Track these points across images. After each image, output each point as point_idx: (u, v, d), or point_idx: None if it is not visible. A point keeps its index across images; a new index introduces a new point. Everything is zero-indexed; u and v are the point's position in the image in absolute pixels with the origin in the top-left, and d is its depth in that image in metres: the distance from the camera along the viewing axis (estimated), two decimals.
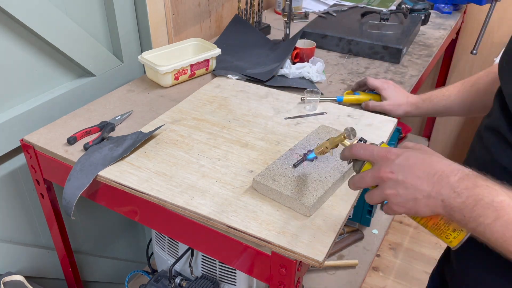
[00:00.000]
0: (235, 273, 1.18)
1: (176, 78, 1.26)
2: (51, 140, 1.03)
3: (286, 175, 0.87)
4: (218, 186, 0.88)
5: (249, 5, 1.60)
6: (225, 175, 0.91)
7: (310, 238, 0.76)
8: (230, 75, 1.32)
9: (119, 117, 1.11)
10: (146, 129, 1.06)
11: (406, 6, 1.78)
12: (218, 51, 1.32)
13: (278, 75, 1.33)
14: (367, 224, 1.84)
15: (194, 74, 1.31)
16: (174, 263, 1.22)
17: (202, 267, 1.24)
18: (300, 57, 1.41)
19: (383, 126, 1.09)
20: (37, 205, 1.22)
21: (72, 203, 0.92)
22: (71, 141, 1.01)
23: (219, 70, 1.34)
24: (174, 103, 1.18)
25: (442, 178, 0.58)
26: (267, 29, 1.70)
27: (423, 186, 0.59)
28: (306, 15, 1.85)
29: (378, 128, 1.09)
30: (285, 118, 1.12)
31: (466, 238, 0.60)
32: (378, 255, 2.02)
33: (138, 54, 1.36)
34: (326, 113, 1.14)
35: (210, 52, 1.30)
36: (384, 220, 1.96)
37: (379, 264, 1.98)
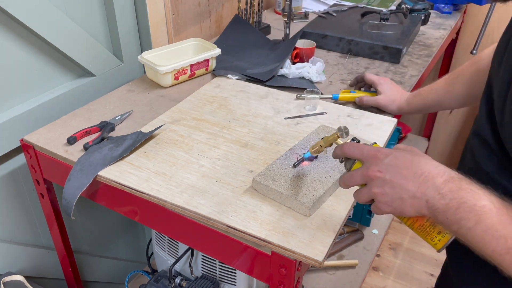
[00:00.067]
0: (235, 273, 1.18)
1: (176, 78, 1.26)
2: (51, 140, 1.03)
3: (286, 175, 0.87)
4: (218, 186, 0.88)
5: (249, 5, 1.60)
6: (225, 175, 0.91)
7: (310, 238, 0.76)
8: (230, 75, 1.32)
9: (119, 117, 1.11)
10: (146, 129, 1.06)
11: (406, 6, 1.78)
12: (218, 51, 1.32)
13: (278, 75, 1.33)
14: (367, 224, 1.84)
15: (194, 74, 1.31)
16: (174, 263, 1.22)
17: (202, 267, 1.24)
18: (300, 57, 1.41)
19: (383, 126, 1.10)
20: (37, 205, 1.22)
21: (72, 203, 0.92)
22: (71, 141, 1.01)
23: (219, 70, 1.34)
24: (174, 103, 1.18)
25: (428, 179, 0.58)
26: (267, 29, 1.70)
27: (409, 186, 0.59)
28: (306, 15, 1.85)
29: (378, 128, 1.09)
30: (285, 118, 1.12)
31: (451, 242, 0.61)
32: (378, 255, 2.02)
33: (138, 54, 1.36)
34: (326, 113, 1.14)
35: (210, 52, 1.30)
36: (384, 220, 1.96)
37: (379, 264, 1.98)
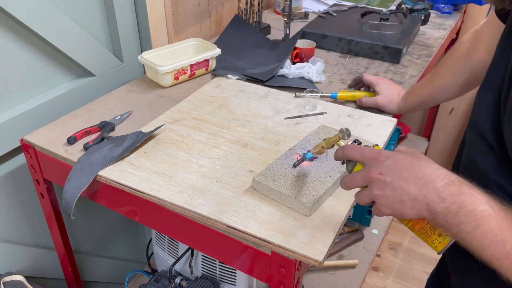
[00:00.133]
0: (235, 273, 1.18)
1: (176, 78, 1.26)
2: (51, 140, 1.03)
3: (286, 175, 0.87)
4: (218, 186, 0.88)
5: (249, 5, 1.60)
6: (225, 175, 0.91)
7: (309, 238, 0.76)
8: (230, 75, 1.32)
9: (119, 117, 1.11)
10: (146, 129, 1.06)
11: (406, 6, 1.78)
12: (218, 51, 1.32)
13: (278, 75, 1.33)
14: (367, 224, 1.83)
15: (194, 74, 1.31)
16: (174, 263, 1.22)
17: (202, 267, 1.24)
18: (300, 57, 1.41)
19: (383, 126, 1.10)
20: (37, 205, 1.22)
21: (72, 203, 0.92)
22: (71, 141, 1.01)
23: (219, 70, 1.34)
24: (174, 103, 1.18)
25: (429, 182, 0.58)
26: (267, 29, 1.70)
27: (410, 189, 0.59)
28: (306, 15, 1.85)
29: (378, 128, 1.09)
30: (285, 118, 1.12)
31: (451, 244, 0.61)
32: (378, 255, 2.02)
33: (138, 54, 1.36)
34: (326, 113, 1.14)
35: (210, 52, 1.30)
36: (384, 220, 1.96)
37: (379, 264, 1.98)
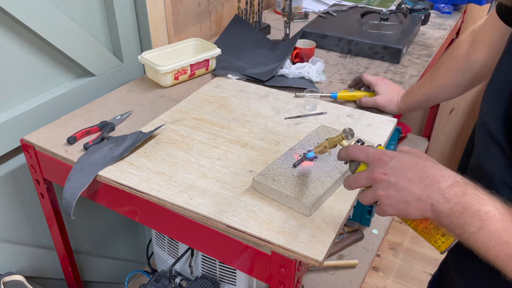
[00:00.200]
0: (235, 273, 1.18)
1: (176, 78, 1.26)
2: (51, 140, 1.03)
3: (286, 175, 0.87)
4: (218, 186, 0.88)
5: (249, 5, 1.60)
6: (224, 175, 0.91)
7: (309, 237, 0.76)
8: (230, 75, 1.32)
9: (119, 117, 1.11)
10: (146, 129, 1.06)
11: (406, 6, 1.78)
12: (218, 51, 1.32)
13: (278, 75, 1.33)
14: (367, 224, 1.83)
15: (194, 74, 1.31)
16: (174, 263, 1.22)
17: (202, 267, 1.24)
18: (300, 57, 1.41)
19: (383, 126, 1.10)
20: (37, 205, 1.22)
21: (72, 203, 0.92)
22: (71, 141, 1.01)
23: (219, 70, 1.34)
24: (174, 103, 1.18)
25: (433, 183, 0.58)
26: (267, 29, 1.70)
27: (414, 189, 0.59)
28: (306, 15, 1.85)
29: (378, 128, 1.09)
30: (285, 118, 1.12)
31: (454, 244, 0.61)
32: (378, 255, 2.02)
33: (138, 54, 1.36)
34: (326, 113, 1.14)
35: (210, 52, 1.30)
36: (384, 220, 1.96)
37: (379, 264, 1.98)
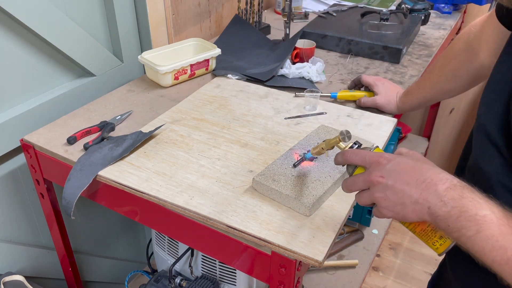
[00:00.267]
0: (235, 273, 1.18)
1: (176, 78, 1.26)
2: (51, 140, 1.03)
3: (285, 175, 0.87)
4: (217, 186, 0.88)
5: (249, 5, 1.60)
6: (224, 175, 0.91)
7: (309, 238, 0.76)
8: (230, 75, 1.32)
9: (119, 117, 1.11)
10: (146, 129, 1.06)
11: (406, 6, 1.78)
12: (218, 51, 1.32)
13: (278, 75, 1.33)
14: (367, 224, 1.83)
15: (194, 74, 1.31)
16: (174, 263, 1.22)
17: (202, 267, 1.24)
18: (300, 57, 1.41)
19: (383, 126, 1.10)
20: (37, 205, 1.22)
21: (72, 203, 0.92)
22: (71, 141, 1.01)
23: (219, 70, 1.34)
24: (174, 103, 1.18)
25: (430, 186, 0.58)
26: (267, 29, 1.70)
27: (411, 192, 0.59)
28: (306, 15, 1.85)
29: (378, 128, 1.09)
30: (285, 118, 1.12)
31: (452, 246, 0.61)
32: (378, 255, 2.02)
33: (138, 54, 1.36)
34: (326, 113, 1.14)
35: (210, 52, 1.30)
36: (384, 220, 1.96)
37: (379, 264, 1.98)
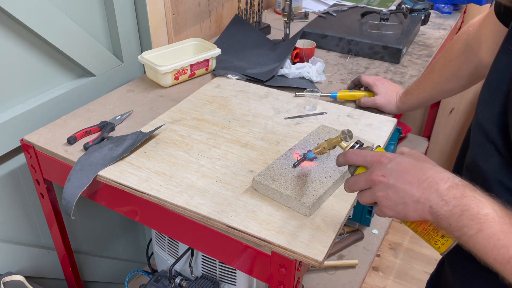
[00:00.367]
0: (235, 273, 1.18)
1: (176, 78, 1.26)
2: (51, 140, 1.03)
3: (286, 175, 0.87)
4: (217, 186, 0.88)
5: (249, 5, 1.60)
6: (224, 175, 0.91)
7: (309, 237, 0.76)
8: (230, 75, 1.32)
9: (119, 117, 1.11)
10: (146, 129, 1.06)
11: (406, 6, 1.78)
12: (218, 51, 1.32)
13: (278, 75, 1.33)
14: (367, 224, 1.83)
15: (194, 74, 1.31)
16: (174, 263, 1.22)
17: (202, 267, 1.24)
18: (300, 57, 1.41)
19: (383, 126, 1.10)
20: (37, 205, 1.22)
21: (72, 203, 0.92)
22: (71, 141, 1.01)
23: (219, 70, 1.34)
24: (174, 103, 1.18)
25: (432, 185, 0.58)
26: (267, 29, 1.70)
27: (413, 191, 0.59)
28: (306, 15, 1.85)
29: (378, 128, 1.09)
30: (285, 118, 1.12)
31: (454, 245, 0.61)
32: (378, 255, 2.02)
33: (138, 54, 1.36)
34: (326, 113, 1.14)
35: (210, 52, 1.30)
36: (384, 220, 1.96)
37: (379, 264, 1.98)
